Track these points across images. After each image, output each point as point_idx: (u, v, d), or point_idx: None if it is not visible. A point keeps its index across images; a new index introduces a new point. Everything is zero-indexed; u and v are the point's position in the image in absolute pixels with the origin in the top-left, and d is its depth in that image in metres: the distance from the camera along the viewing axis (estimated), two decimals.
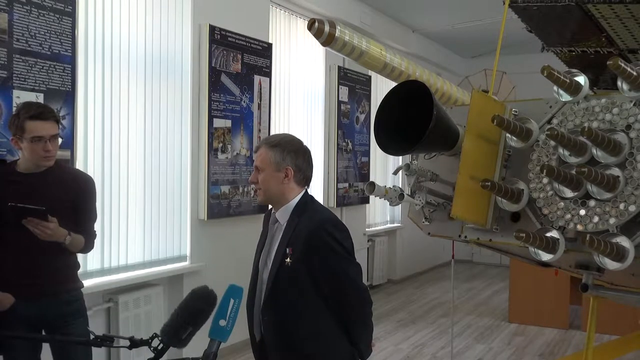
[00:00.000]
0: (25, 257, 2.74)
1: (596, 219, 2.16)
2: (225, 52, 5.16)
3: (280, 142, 2.35)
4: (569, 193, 2.23)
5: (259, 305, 2.37)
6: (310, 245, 2.26)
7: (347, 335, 2.33)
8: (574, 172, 2.15)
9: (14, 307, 2.71)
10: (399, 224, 8.92)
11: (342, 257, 2.29)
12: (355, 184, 7.41)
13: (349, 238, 2.34)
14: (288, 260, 2.27)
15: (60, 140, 2.87)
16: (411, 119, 2.37)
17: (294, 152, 2.35)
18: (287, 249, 2.29)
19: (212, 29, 5.02)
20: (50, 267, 2.80)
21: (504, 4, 3.36)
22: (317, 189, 6.70)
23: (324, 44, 3.26)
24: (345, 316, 2.32)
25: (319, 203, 2.47)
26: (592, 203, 2.18)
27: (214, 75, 5.05)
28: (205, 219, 5.00)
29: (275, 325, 2.32)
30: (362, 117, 7.58)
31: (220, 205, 5.13)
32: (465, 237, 2.62)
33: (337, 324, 2.31)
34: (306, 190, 2.42)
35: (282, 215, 2.37)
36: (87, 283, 3.90)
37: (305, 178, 2.39)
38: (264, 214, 2.58)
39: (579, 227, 2.19)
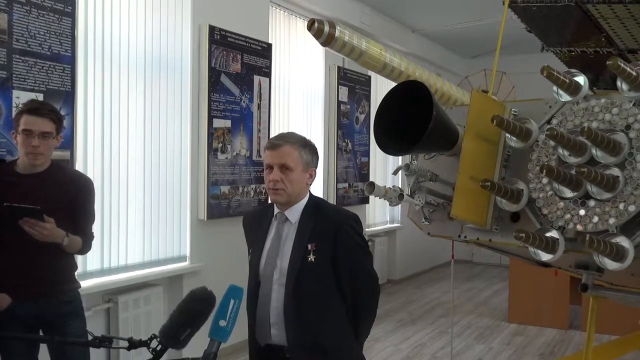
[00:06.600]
0: (22, 257, 2.73)
1: (596, 219, 2.15)
2: (225, 52, 5.15)
3: (308, 143, 2.37)
4: (568, 193, 2.23)
5: (265, 309, 2.32)
6: (337, 241, 2.29)
7: (352, 324, 2.36)
8: (573, 172, 2.14)
9: (10, 308, 2.71)
10: (399, 224, 8.91)
11: (364, 251, 2.39)
12: (355, 184, 7.41)
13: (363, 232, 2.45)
14: (311, 256, 2.26)
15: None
16: (411, 119, 2.36)
17: (316, 154, 2.40)
18: (309, 245, 2.27)
19: (212, 29, 5.02)
20: (47, 268, 2.79)
21: (504, 4, 3.36)
22: (317, 189, 6.70)
23: (323, 44, 3.26)
24: (353, 302, 2.34)
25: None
26: (591, 203, 2.18)
27: (214, 75, 5.05)
28: (205, 219, 5.00)
29: (300, 325, 2.27)
30: (361, 117, 7.58)
31: (220, 205, 5.13)
32: (465, 237, 2.62)
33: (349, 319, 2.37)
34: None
35: (293, 214, 2.35)
36: (86, 283, 3.90)
37: None
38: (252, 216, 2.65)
39: (579, 227, 2.18)
